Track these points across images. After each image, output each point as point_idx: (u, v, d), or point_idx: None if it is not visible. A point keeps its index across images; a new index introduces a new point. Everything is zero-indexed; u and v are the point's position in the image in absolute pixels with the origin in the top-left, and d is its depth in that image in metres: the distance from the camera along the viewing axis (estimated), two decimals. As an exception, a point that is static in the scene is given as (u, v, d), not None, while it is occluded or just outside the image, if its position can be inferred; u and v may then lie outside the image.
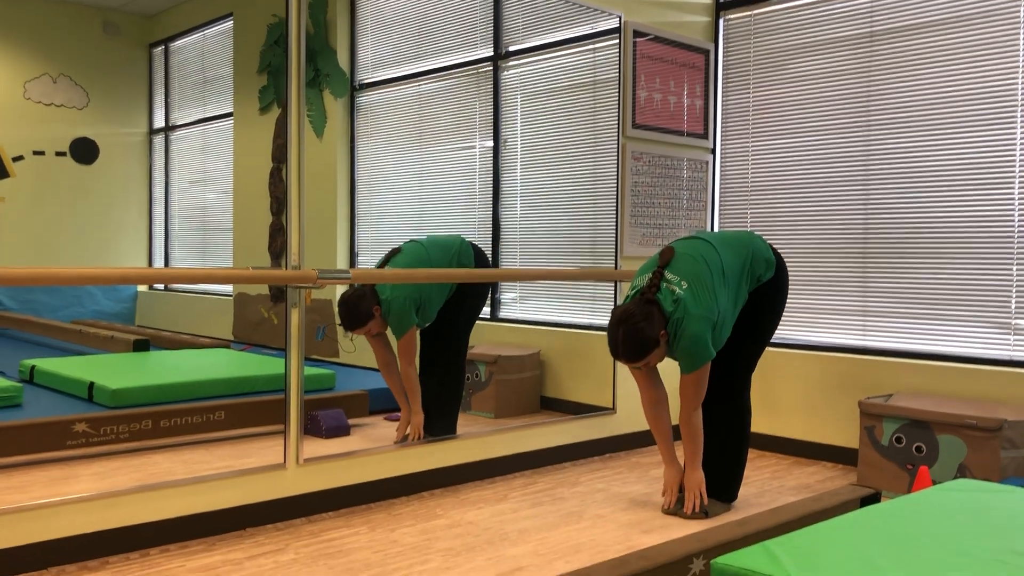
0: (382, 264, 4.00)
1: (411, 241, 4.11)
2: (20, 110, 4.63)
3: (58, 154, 4.75)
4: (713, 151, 4.81)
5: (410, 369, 3.95)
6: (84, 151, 4.82)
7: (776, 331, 3.50)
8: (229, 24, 5.13)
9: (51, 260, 4.68)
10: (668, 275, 3.12)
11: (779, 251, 3.52)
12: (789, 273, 4.47)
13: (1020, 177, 3.78)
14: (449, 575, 2.70)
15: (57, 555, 2.70)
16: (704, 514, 3.32)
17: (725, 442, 3.39)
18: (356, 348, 4.59)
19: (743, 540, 2.52)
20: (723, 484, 3.41)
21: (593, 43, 4.60)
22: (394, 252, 4.06)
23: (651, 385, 3.36)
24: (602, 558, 2.85)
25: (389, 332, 4.00)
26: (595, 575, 2.21)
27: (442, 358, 4.01)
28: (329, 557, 2.84)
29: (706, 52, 4.72)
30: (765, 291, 3.33)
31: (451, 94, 5.15)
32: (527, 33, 4.87)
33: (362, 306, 3.89)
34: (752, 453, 4.49)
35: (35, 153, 4.68)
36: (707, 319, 3.06)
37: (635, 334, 3.01)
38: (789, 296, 4.48)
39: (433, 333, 4.01)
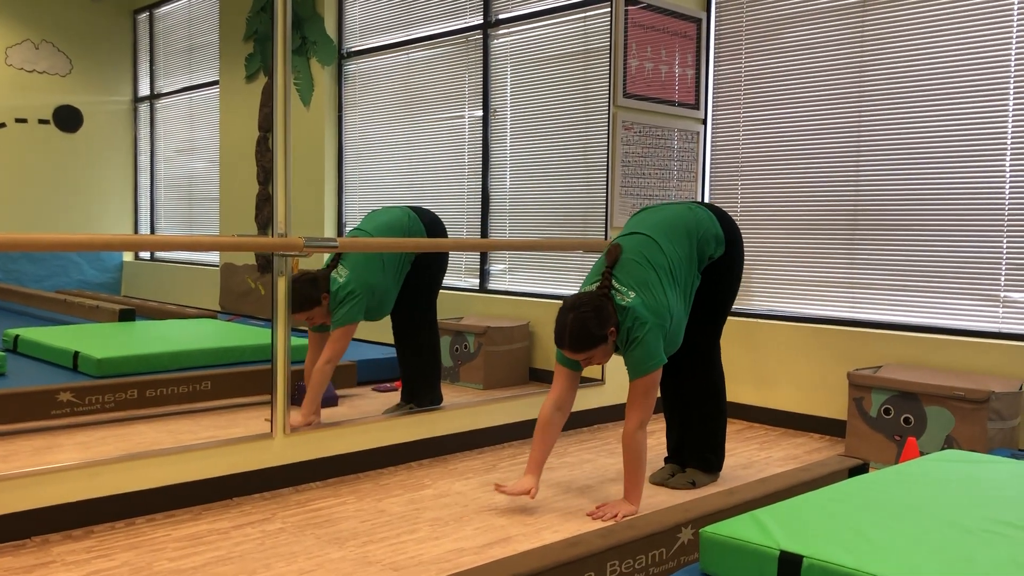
0: (332, 262, 3.72)
1: (356, 229, 3.87)
2: (1, 77, 4.56)
3: (41, 122, 4.68)
4: (704, 121, 4.77)
5: (328, 367, 3.63)
6: (68, 119, 4.76)
7: (737, 300, 3.31)
8: (214, -10, 5.06)
9: (34, 229, 4.62)
10: (615, 284, 3.01)
11: (733, 218, 3.36)
12: (777, 245, 4.47)
13: (1011, 149, 3.77)
14: (437, 544, 2.69)
15: (41, 524, 2.69)
16: (691, 484, 3.33)
17: (704, 415, 3.37)
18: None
19: (731, 510, 2.52)
20: (707, 455, 3.40)
21: (584, 11, 4.55)
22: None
23: (567, 387, 3.07)
24: (591, 528, 2.84)
25: None
26: (584, 544, 2.20)
27: (413, 328, 3.94)
28: (316, 526, 2.83)
29: (698, 21, 4.67)
30: (718, 267, 3.24)
31: (440, 63, 5.09)
32: (517, 1, 4.81)
33: (307, 291, 3.59)
34: (740, 424, 4.49)
35: (17, 121, 4.62)
36: (659, 327, 2.97)
37: (583, 324, 2.88)
38: (780, 268, 4.47)
39: (401, 306, 3.92)
